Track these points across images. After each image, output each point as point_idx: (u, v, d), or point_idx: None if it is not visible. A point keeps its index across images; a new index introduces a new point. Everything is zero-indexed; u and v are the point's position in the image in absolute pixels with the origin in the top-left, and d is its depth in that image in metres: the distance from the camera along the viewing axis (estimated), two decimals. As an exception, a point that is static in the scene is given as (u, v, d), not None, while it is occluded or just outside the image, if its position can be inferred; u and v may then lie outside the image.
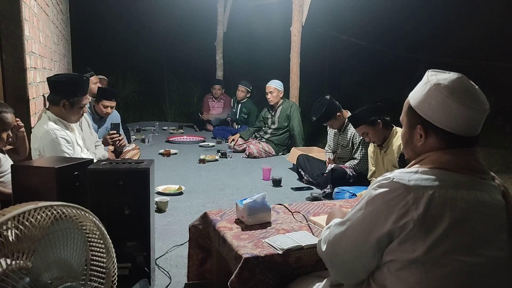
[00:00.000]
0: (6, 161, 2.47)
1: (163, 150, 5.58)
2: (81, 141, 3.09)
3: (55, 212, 1.27)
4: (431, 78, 1.24)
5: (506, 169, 5.50)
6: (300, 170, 4.52)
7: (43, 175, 1.97)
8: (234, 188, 4.21)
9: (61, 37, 5.53)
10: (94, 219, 1.42)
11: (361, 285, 1.27)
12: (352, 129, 4.00)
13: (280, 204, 2.33)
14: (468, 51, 9.87)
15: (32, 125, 3.04)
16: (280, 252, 1.72)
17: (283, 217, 2.14)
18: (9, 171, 2.27)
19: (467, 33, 10.31)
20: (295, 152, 4.90)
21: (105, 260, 1.47)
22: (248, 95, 6.86)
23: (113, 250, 1.51)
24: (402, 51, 10.62)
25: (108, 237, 1.48)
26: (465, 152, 1.21)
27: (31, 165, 2.10)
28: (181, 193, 3.94)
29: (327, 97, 4.17)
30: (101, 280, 1.46)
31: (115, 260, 1.52)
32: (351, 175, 3.96)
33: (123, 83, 9.51)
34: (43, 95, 3.67)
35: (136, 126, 7.59)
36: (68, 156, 2.71)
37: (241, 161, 5.44)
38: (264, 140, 5.88)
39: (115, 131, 3.83)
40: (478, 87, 1.24)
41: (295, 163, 4.66)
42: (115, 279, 1.52)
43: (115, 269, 1.52)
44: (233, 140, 6.02)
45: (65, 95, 2.82)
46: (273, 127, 5.87)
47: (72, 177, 2.06)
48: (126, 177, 2.01)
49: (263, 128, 6.03)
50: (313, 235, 1.88)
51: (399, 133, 3.23)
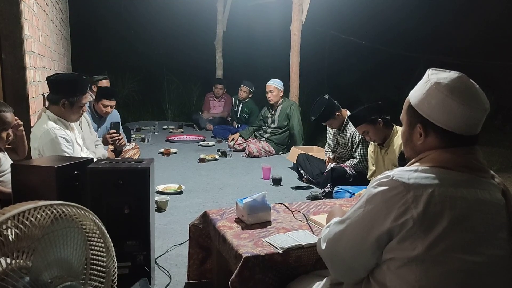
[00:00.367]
0: (6, 161, 2.47)
1: (163, 149, 5.58)
2: (80, 140, 3.09)
3: (55, 211, 1.26)
4: (431, 77, 1.24)
5: (506, 168, 5.50)
6: (300, 169, 4.52)
7: (43, 174, 1.97)
8: (234, 187, 4.21)
9: (60, 36, 5.52)
10: (94, 218, 1.42)
11: (361, 284, 1.27)
12: (351, 128, 4.00)
13: (280, 203, 2.33)
14: (467, 50, 9.86)
15: (31, 124, 3.04)
16: (280, 251, 1.72)
17: (283, 216, 2.14)
18: (9, 170, 2.27)
19: (466, 32, 10.30)
20: (295, 151, 4.90)
21: (105, 259, 1.47)
22: (250, 96, 6.86)
23: (113, 249, 1.50)
24: (401, 50, 10.61)
25: (108, 236, 1.48)
26: (465, 150, 1.21)
27: (31, 164, 2.10)
28: (181, 192, 3.94)
29: (326, 96, 4.16)
30: (101, 279, 1.46)
31: (115, 259, 1.52)
32: (351, 174, 3.96)
33: (122, 83, 9.50)
34: (43, 94, 3.67)
35: (135, 125, 7.59)
36: (67, 155, 2.70)
37: (241, 160, 5.44)
38: (264, 139, 5.88)
39: (115, 131, 3.83)
40: (478, 86, 1.24)
41: (295, 162, 4.66)
42: (115, 278, 1.51)
43: (115, 268, 1.52)
44: (233, 139, 6.02)
45: (64, 95, 2.82)
46: (273, 126, 5.87)
47: (72, 176, 2.06)
48: (126, 176, 2.01)
49: (263, 127, 6.03)
50: (313, 234, 1.88)
51: (399, 132, 3.23)
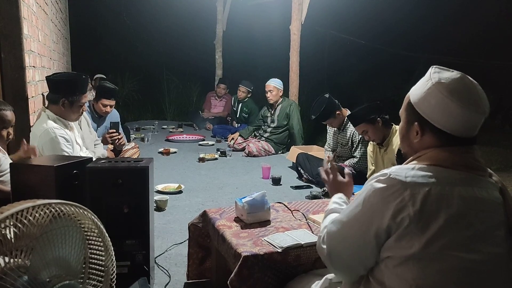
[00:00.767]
0: (5, 160, 2.46)
1: (163, 148, 5.58)
2: (80, 139, 3.09)
3: (53, 210, 1.26)
4: (433, 75, 1.23)
5: (505, 167, 5.50)
6: (299, 168, 4.52)
7: (42, 173, 1.97)
8: (233, 186, 4.20)
9: (60, 35, 5.52)
10: (92, 217, 1.41)
11: (360, 282, 1.27)
12: (351, 128, 3.99)
13: (279, 202, 2.33)
14: (467, 50, 9.86)
15: (31, 124, 3.04)
16: (279, 250, 1.72)
17: (282, 216, 2.14)
18: (8, 170, 2.27)
19: (466, 32, 10.30)
20: (295, 150, 4.90)
21: (103, 258, 1.47)
22: (249, 95, 6.86)
23: (112, 248, 1.50)
24: (401, 50, 10.61)
25: (106, 235, 1.47)
26: (463, 149, 1.21)
27: (30, 164, 2.09)
28: (180, 192, 3.94)
29: (326, 95, 4.16)
30: (100, 278, 1.46)
31: (114, 258, 1.51)
32: (351, 173, 3.95)
33: (122, 82, 9.50)
34: (42, 94, 3.67)
35: (135, 125, 7.59)
36: (67, 154, 2.70)
37: (240, 159, 5.44)
38: (263, 138, 5.88)
39: (115, 130, 3.83)
40: (480, 87, 1.22)
41: (295, 162, 4.66)
42: (114, 277, 1.51)
43: (114, 267, 1.52)
44: (233, 138, 6.02)
45: (64, 94, 2.82)
46: (272, 125, 5.87)
47: (71, 176, 2.05)
48: (125, 175, 2.01)
49: (263, 126, 6.03)
50: (313, 233, 1.88)
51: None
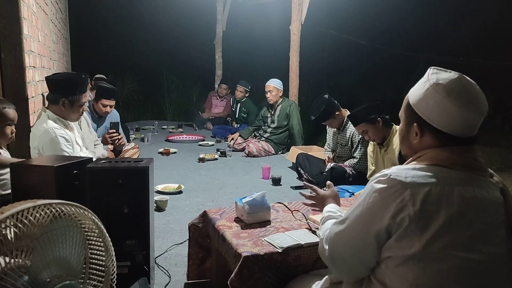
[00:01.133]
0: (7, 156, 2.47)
1: (163, 149, 5.58)
2: (80, 140, 3.09)
3: (54, 210, 1.26)
4: (431, 76, 1.24)
5: (505, 167, 5.50)
6: (299, 168, 4.52)
7: (42, 173, 1.97)
8: (233, 187, 4.20)
9: (60, 36, 5.52)
10: (93, 217, 1.41)
11: (362, 282, 1.27)
12: (351, 128, 3.99)
13: (279, 202, 2.33)
14: (467, 50, 9.86)
15: (31, 124, 3.04)
16: (279, 250, 1.71)
17: (282, 216, 2.14)
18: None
19: (466, 32, 10.31)
20: (295, 151, 4.90)
21: (104, 258, 1.47)
22: (246, 95, 6.86)
23: (112, 248, 1.50)
24: (401, 50, 10.60)
25: (107, 235, 1.47)
26: (463, 149, 1.21)
27: (30, 164, 2.09)
28: (180, 192, 3.94)
29: (326, 96, 4.16)
30: (100, 278, 1.46)
31: (114, 258, 1.51)
32: (351, 174, 3.95)
33: (122, 82, 9.50)
34: (42, 94, 3.67)
35: (135, 125, 7.58)
36: (67, 154, 2.70)
37: (240, 160, 5.44)
38: (263, 139, 5.88)
39: (114, 130, 3.82)
40: (478, 87, 1.23)
41: (295, 162, 4.66)
42: (114, 277, 1.51)
43: (114, 267, 1.51)
44: (233, 139, 6.02)
45: (64, 94, 2.82)
46: (272, 126, 5.87)
47: (71, 176, 2.05)
48: (125, 175, 2.01)
49: (263, 127, 6.03)
50: (313, 233, 1.88)
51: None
